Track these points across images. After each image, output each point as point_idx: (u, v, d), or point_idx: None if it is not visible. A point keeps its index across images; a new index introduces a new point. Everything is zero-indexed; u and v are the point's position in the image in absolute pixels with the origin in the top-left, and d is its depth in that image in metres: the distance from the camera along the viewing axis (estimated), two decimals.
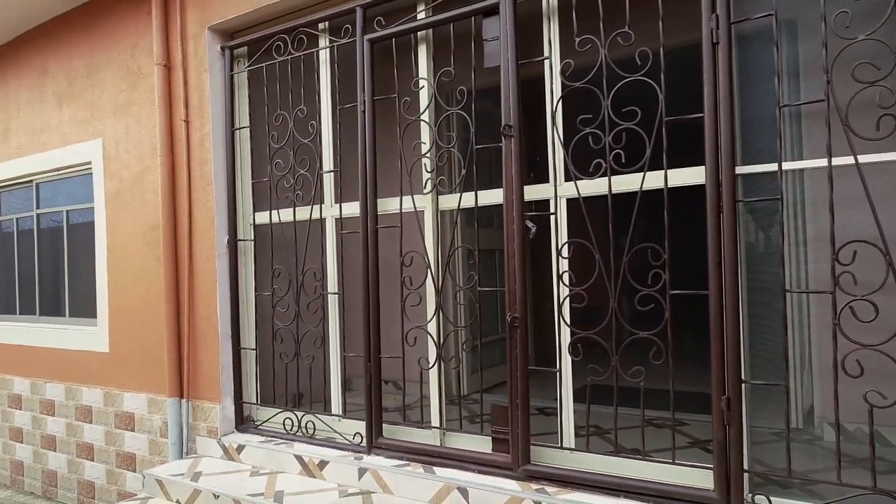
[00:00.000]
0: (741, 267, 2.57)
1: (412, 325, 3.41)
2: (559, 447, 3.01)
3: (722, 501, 2.53)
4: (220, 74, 4.15)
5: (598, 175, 2.83)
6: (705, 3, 2.55)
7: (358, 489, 3.37)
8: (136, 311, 4.51)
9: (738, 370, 2.51)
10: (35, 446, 5.33)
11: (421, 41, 3.43)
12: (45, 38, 5.12)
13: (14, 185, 5.65)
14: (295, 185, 3.88)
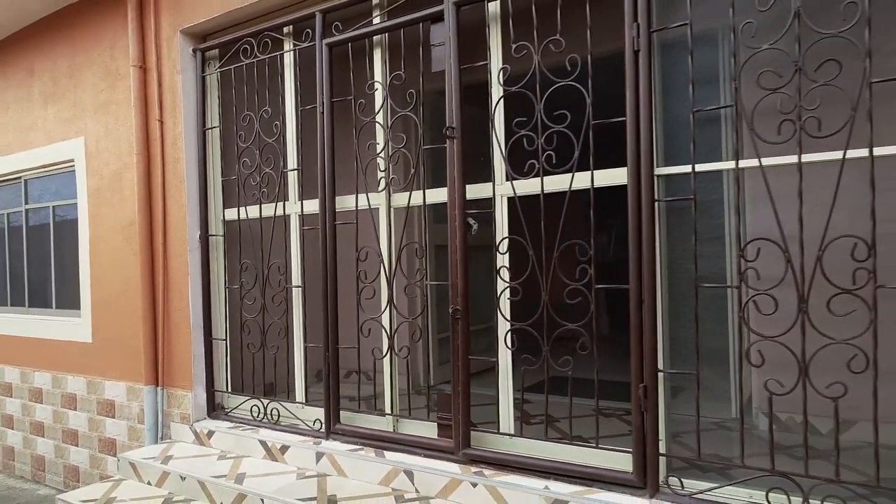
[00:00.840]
0: (661, 263, 2.72)
1: (367, 317, 3.58)
2: (497, 433, 3.17)
3: (639, 483, 2.69)
4: (192, 76, 4.32)
5: (531, 175, 2.98)
6: (627, 13, 2.70)
7: (315, 472, 3.56)
8: (116, 303, 4.70)
9: (654, 360, 2.67)
10: (25, 432, 5.55)
11: (376, 45, 3.59)
12: (31, 39, 5.31)
13: (3, 182, 5.85)
14: (261, 182, 4.06)
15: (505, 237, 3.11)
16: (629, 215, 2.70)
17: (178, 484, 3.70)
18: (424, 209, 3.38)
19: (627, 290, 2.70)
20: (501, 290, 3.10)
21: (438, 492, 3.11)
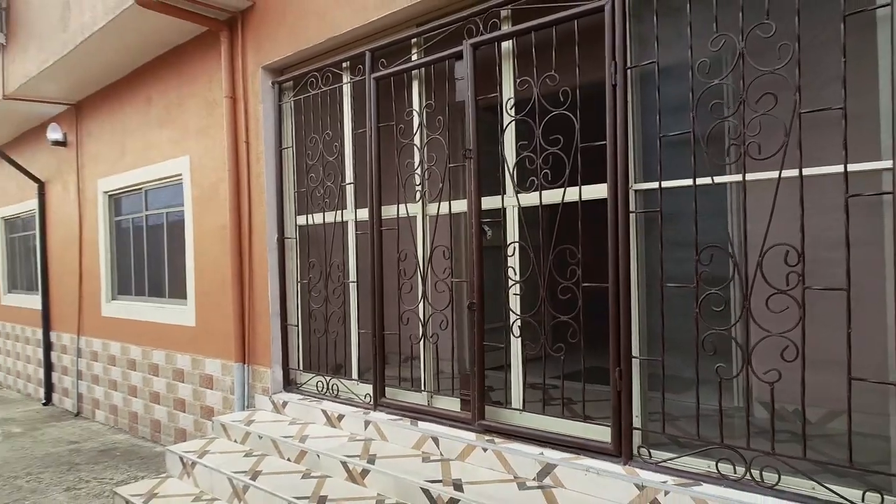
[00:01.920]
0: (639, 265, 3.18)
1: (405, 308, 4.24)
2: (507, 406, 3.74)
3: (616, 451, 3.18)
4: (270, 105, 5.15)
5: (532, 190, 3.52)
6: (607, 53, 3.17)
7: (363, 437, 4.27)
8: (213, 294, 5.65)
9: (629, 347, 3.14)
10: (145, 400, 6.69)
11: (414, 78, 4.23)
12: (149, 73, 6.38)
13: (129, 192, 7.02)
14: (324, 194, 4.82)
15: (512, 242, 3.66)
16: (608, 224, 3.18)
17: (256, 442, 4.54)
18: (450, 218, 3.99)
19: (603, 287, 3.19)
20: (510, 287, 3.65)
21: (457, 455, 3.72)
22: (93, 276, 7.56)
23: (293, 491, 3.71)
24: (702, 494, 2.77)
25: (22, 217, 9.72)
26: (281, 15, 4.86)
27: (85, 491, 5.15)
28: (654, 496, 2.89)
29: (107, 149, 7.19)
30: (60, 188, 8.26)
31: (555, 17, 3.36)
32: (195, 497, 4.20)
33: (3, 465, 5.97)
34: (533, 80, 3.48)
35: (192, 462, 4.41)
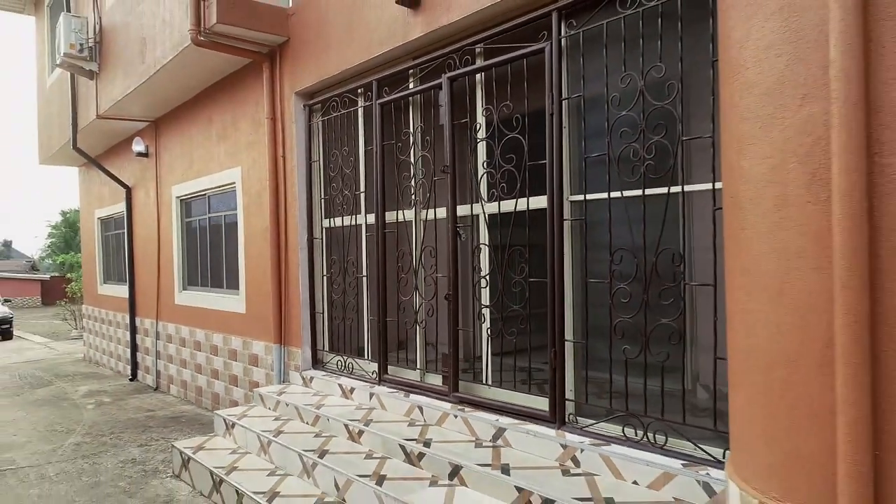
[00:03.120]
0: (573, 264, 3.80)
1: (402, 299, 5.01)
2: (477, 381, 4.44)
3: (552, 419, 3.82)
4: (302, 124, 6.04)
5: (494, 200, 4.20)
6: (547, 86, 3.81)
7: (367, 406, 5.08)
8: (259, 286, 6.62)
9: (562, 332, 3.78)
10: (207, 376, 7.79)
11: (411, 103, 4.98)
12: (209, 97, 7.45)
13: (196, 197, 8.15)
14: (343, 201, 5.66)
15: (478, 244, 4.36)
16: (547, 229, 3.82)
17: (284, 409, 5.44)
18: (436, 223, 4.72)
19: (543, 282, 3.83)
20: (476, 282, 4.35)
21: (436, 421, 4.46)
22: (168, 269, 8.77)
23: (304, 446, 4.56)
24: (608, 452, 3.39)
25: (114, 218, 11.19)
26: (308, 48, 5.73)
27: (154, 447, 6.24)
28: (573, 454, 3.54)
29: (178, 160, 8.36)
30: (143, 193, 9.56)
31: (508, 56, 4.03)
32: (232, 451, 5.14)
33: (94, 426, 7.20)
34: (493, 108, 4.16)
35: (233, 423, 5.37)
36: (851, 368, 1.86)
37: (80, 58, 8.48)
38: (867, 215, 1.84)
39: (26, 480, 5.37)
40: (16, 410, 8.24)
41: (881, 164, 1.83)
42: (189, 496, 4.85)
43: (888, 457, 1.85)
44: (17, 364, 12.77)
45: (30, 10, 12.63)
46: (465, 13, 4.17)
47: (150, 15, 6.94)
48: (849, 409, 1.86)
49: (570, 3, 3.68)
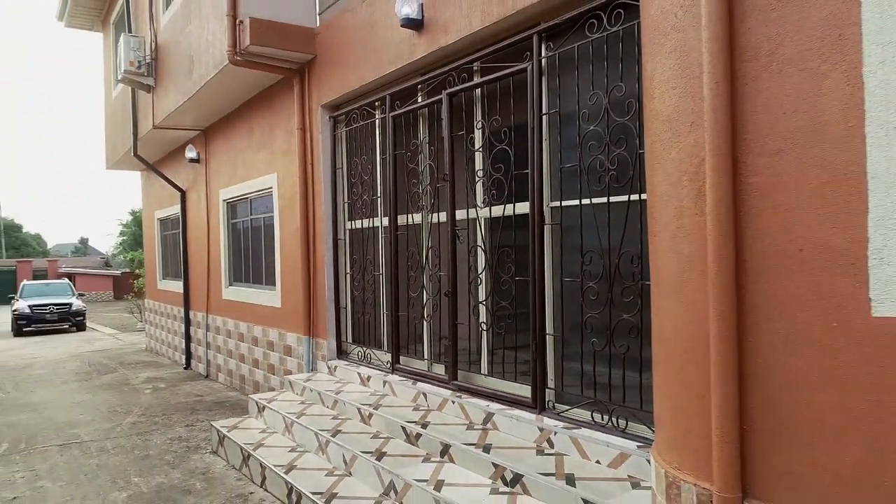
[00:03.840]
0: (552, 264, 4.17)
1: (411, 295, 5.46)
2: (473, 371, 4.85)
3: (533, 405, 4.20)
4: (328, 134, 6.57)
5: (486, 206, 4.60)
6: (529, 102, 4.18)
7: (381, 393, 5.56)
8: (292, 282, 7.21)
9: (543, 326, 4.15)
10: (249, 365, 8.47)
11: (419, 116, 5.43)
12: (249, 108, 8.10)
13: (240, 200, 8.84)
14: (363, 205, 6.16)
15: (472, 245, 4.77)
16: (530, 233, 4.20)
17: (309, 394, 5.99)
18: (439, 226, 5.15)
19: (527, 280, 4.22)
20: (472, 280, 4.77)
21: (437, 407, 4.90)
22: (216, 266, 9.52)
23: (321, 426, 5.09)
24: (577, 435, 3.76)
25: (171, 218, 12.10)
26: (332, 65, 6.25)
27: (198, 427, 6.92)
28: (548, 436, 3.92)
29: (225, 165, 9.07)
30: (195, 196, 10.36)
31: (497, 75, 4.43)
32: (262, 430, 5.73)
33: (149, 408, 7.98)
34: (485, 122, 4.57)
35: (263, 406, 5.96)
36: (720, 355, 2.20)
37: (139, 73, 9.31)
38: (734, 225, 2.18)
39: (88, 452, 6.12)
40: (84, 393, 9.16)
41: (747, 183, 2.17)
42: (223, 469, 5.46)
43: (752, 429, 2.18)
44: (87, 353, 13.93)
45: (98, 28, 13.73)
46: (460, 35, 4.58)
47: (196, 36, 7.62)
48: (719, 389, 2.21)
49: (548, 27, 4.04)
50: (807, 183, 2.00)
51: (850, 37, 1.88)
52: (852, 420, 1.93)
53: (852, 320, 1.91)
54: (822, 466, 2.01)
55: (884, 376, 1.85)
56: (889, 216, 1.82)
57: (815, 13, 1.96)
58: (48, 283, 22.65)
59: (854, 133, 1.88)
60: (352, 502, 4.05)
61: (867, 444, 1.90)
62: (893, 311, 1.83)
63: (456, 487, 3.75)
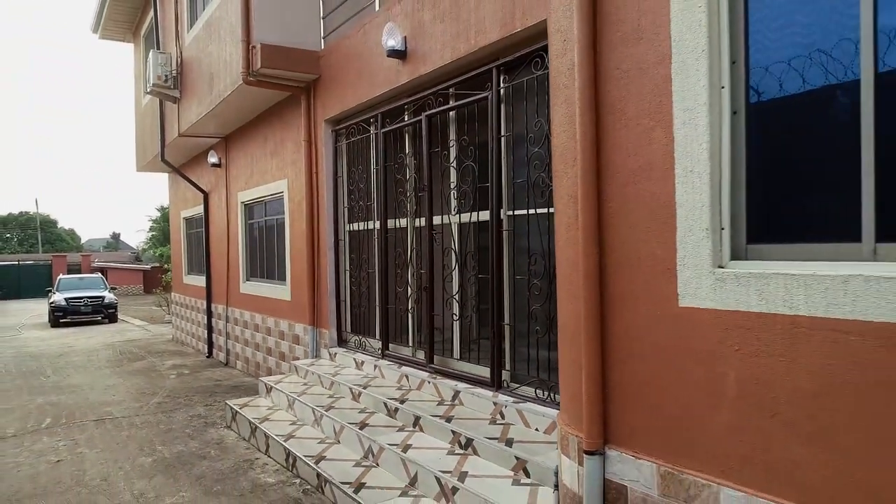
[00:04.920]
0: (509, 264, 4.88)
1: (398, 290, 6.23)
2: (446, 355, 5.60)
3: (493, 384, 4.94)
4: (330, 146, 7.36)
5: (456, 213, 5.34)
6: (489, 125, 4.90)
7: (371, 375, 6.34)
8: (300, 277, 8.01)
9: (501, 317, 4.88)
10: (263, 353, 9.32)
11: (406, 132, 6.18)
12: (263, 120, 8.93)
13: (256, 202, 9.69)
14: (359, 210, 6.94)
15: (446, 247, 5.51)
16: (490, 237, 4.92)
17: (311, 377, 6.80)
18: (420, 230, 5.90)
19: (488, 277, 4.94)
20: (445, 276, 5.51)
21: (416, 386, 5.66)
22: (235, 262, 10.39)
23: (319, 403, 5.88)
24: (522, 407, 4.48)
25: (195, 218, 13.03)
26: (333, 84, 7.03)
27: (215, 407, 7.77)
28: (500, 409, 4.65)
29: (242, 170, 9.93)
30: (217, 198, 11.25)
31: (464, 101, 5.16)
32: (268, 407, 6.55)
33: (173, 390, 8.87)
34: (457, 141, 5.30)
35: (271, 387, 6.78)
36: (588, 336, 2.93)
37: (165, 86, 10.21)
38: (598, 238, 2.89)
39: (119, 426, 7.00)
40: (116, 378, 10.11)
41: (606, 207, 2.88)
42: (234, 440, 6.29)
43: (611, 393, 2.90)
44: (119, 342, 14.98)
45: (129, 39, 14.74)
46: (435, 66, 5.31)
47: (216, 55, 8.46)
48: (587, 363, 2.93)
49: (505, 62, 4.76)
50: (642, 208, 2.71)
51: (665, 104, 2.58)
52: (669, 383, 2.63)
53: (668, 309, 2.61)
54: (653, 418, 2.72)
55: (686, 348, 2.55)
56: (688, 234, 2.52)
57: (646, 85, 2.66)
58: (82, 277, 23.91)
59: (669, 173, 2.58)
60: (338, 463, 4.83)
61: (678, 402, 2.60)
62: (691, 302, 2.53)
63: (420, 450, 4.50)
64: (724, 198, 2.45)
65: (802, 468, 2.19)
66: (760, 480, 2.31)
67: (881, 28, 2.05)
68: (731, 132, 2.43)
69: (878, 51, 2.05)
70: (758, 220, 2.42)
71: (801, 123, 2.34)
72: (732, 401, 2.40)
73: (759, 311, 2.29)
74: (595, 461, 2.92)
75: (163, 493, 4.89)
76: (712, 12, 2.43)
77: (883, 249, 2.06)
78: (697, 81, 2.45)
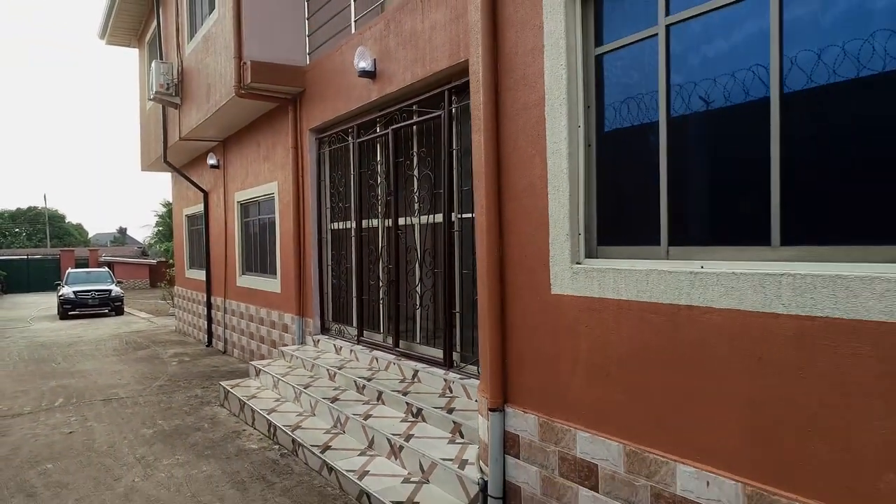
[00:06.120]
0: (460, 260, 5.64)
1: (371, 283, 7.00)
2: (409, 339, 6.37)
3: (445, 364, 5.71)
4: (314, 153, 8.13)
5: (416, 215, 6.10)
6: (442, 139, 5.65)
7: (348, 359, 7.13)
8: (288, 272, 8.79)
9: (452, 305, 5.64)
10: (256, 342, 10.12)
11: (378, 142, 6.94)
12: (256, 127, 9.70)
13: (250, 202, 10.47)
14: (339, 210, 7.71)
15: (409, 245, 6.28)
16: (443, 237, 5.68)
17: (295, 361, 7.59)
18: (388, 230, 6.66)
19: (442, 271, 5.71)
20: (409, 271, 6.28)
21: (384, 367, 6.44)
22: (232, 258, 11.19)
23: (300, 382, 6.67)
24: (466, 383, 5.25)
25: (196, 215, 13.82)
26: (316, 97, 7.79)
27: (211, 389, 8.58)
28: (449, 385, 5.43)
29: (239, 172, 10.71)
30: (216, 197, 12.04)
31: (422, 119, 5.92)
32: (257, 387, 7.34)
33: (174, 375, 9.69)
34: (415, 153, 6.06)
35: (259, 370, 7.58)
36: (491, 318, 3.69)
37: (167, 94, 10.99)
38: (499, 239, 3.65)
39: (124, 405, 7.81)
40: (121, 364, 10.94)
41: (504, 216, 3.64)
42: (226, 416, 7.08)
43: (510, 361, 3.67)
44: (125, 333, 15.83)
45: (134, 44, 15.53)
46: (400, 86, 6.06)
47: (213, 67, 9.23)
48: (490, 338, 3.69)
49: (455, 86, 5.51)
50: (528, 217, 3.47)
51: (542, 137, 3.33)
52: (546, 353, 3.40)
53: (544, 296, 3.37)
54: (535, 381, 3.48)
55: (555, 326, 3.32)
56: (556, 237, 3.28)
57: (530, 121, 3.42)
58: (90, 271, 24.79)
59: (544, 190, 3.34)
60: (311, 431, 5.61)
61: (551, 368, 3.37)
62: (559, 290, 3.28)
63: (379, 419, 5.28)
64: (581, 210, 3.21)
65: (624, 412, 2.95)
66: (600, 423, 3.08)
67: (672, 84, 2.80)
68: (585, 160, 3.19)
69: (671, 100, 2.80)
70: (604, 227, 3.18)
71: (626, 154, 3.09)
72: (584, 365, 3.16)
73: (600, 297, 3.05)
74: (497, 416, 3.69)
75: (161, 457, 5.69)
76: (571, 69, 3.18)
77: (673, 251, 2.81)
78: (561, 121, 3.21)
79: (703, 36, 2.69)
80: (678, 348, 2.69)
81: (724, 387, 2.52)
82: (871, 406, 2.09)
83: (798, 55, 2.38)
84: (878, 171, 2.19)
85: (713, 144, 2.78)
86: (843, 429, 2.16)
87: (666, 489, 2.74)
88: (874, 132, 2.21)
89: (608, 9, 3.14)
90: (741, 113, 2.57)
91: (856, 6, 2.24)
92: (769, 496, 2.36)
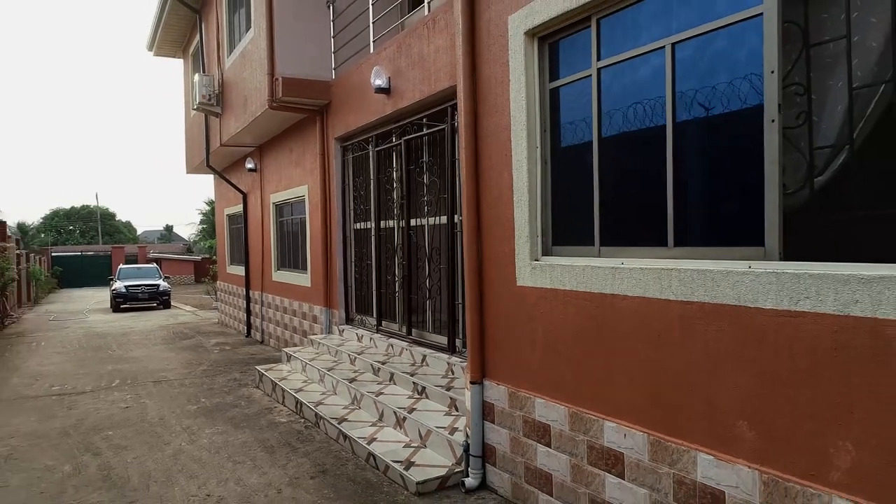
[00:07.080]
0: (460, 257, 6.34)
1: (388, 278, 7.77)
2: (421, 328, 7.12)
3: (450, 350, 6.43)
4: (339, 159, 8.93)
5: (424, 217, 6.83)
6: (447, 149, 6.37)
7: (368, 346, 7.91)
8: (317, 267, 9.63)
9: (454, 298, 6.36)
10: (290, 332, 11.01)
11: (393, 151, 7.69)
12: (288, 134, 10.57)
13: (284, 203, 11.36)
14: (361, 212, 8.50)
15: (421, 243, 7.02)
16: (447, 236, 6.40)
17: (321, 348, 8.42)
18: (403, 230, 7.41)
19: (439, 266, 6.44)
20: (419, 266, 7.02)
21: (398, 353, 7.20)
22: (268, 255, 12.12)
23: (325, 366, 7.49)
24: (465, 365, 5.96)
25: (236, 215, 14.84)
26: (341, 109, 8.59)
27: (249, 373, 9.49)
28: (452, 367, 6.15)
29: (273, 176, 11.62)
30: (254, 198, 13.00)
31: (429, 131, 6.63)
32: (288, 371, 8.20)
33: (216, 362, 10.66)
34: (424, 161, 6.79)
35: (290, 356, 8.44)
36: (473, 305, 4.40)
37: (209, 104, 11.96)
38: (476, 241, 4.36)
39: (172, 386, 8.78)
40: (169, 352, 11.99)
41: (482, 221, 4.34)
42: (260, 395, 7.96)
43: (487, 342, 4.37)
44: (172, 325, 17.02)
45: (179, 55, 16.66)
46: (411, 101, 6.79)
47: (249, 81, 10.12)
48: (471, 321, 4.41)
49: (455, 104, 6.18)
50: (499, 223, 4.16)
51: (508, 155, 4.02)
52: (512, 335, 4.09)
53: (511, 287, 4.06)
54: (505, 358, 4.18)
55: (519, 312, 4.00)
56: (520, 239, 3.96)
57: (500, 141, 4.11)
58: (139, 267, 26.32)
59: (510, 200, 4.02)
60: (331, 407, 6.41)
61: (517, 347, 4.06)
62: (522, 283, 3.97)
63: (389, 396, 6.05)
64: (539, 216, 3.89)
65: (569, 381, 3.63)
66: (553, 391, 3.76)
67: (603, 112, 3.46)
68: (542, 175, 3.86)
69: (601, 126, 3.46)
70: (556, 230, 3.85)
71: (571, 170, 3.75)
72: (540, 344, 3.84)
73: (551, 288, 3.72)
74: (477, 389, 4.40)
75: (203, 427, 6.57)
76: (530, 99, 3.86)
77: (604, 251, 3.47)
78: (523, 142, 3.89)
79: (621, 74, 3.35)
80: (604, 328, 3.36)
81: (635, 359, 3.18)
82: (727, 369, 2.73)
83: (686, 91, 3.03)
84: (733, 191, 2.82)
85: (629, 162, 3.43)
86: (710, 387, 2.81)
87: (596, 442, 3.42)
88: (727, 159, 2.84)
89: (561, 50, 3.81)
90: (645, 136, 3.22)
91: (721, 54, 2.87)
92: (664, 443, 3.02)
